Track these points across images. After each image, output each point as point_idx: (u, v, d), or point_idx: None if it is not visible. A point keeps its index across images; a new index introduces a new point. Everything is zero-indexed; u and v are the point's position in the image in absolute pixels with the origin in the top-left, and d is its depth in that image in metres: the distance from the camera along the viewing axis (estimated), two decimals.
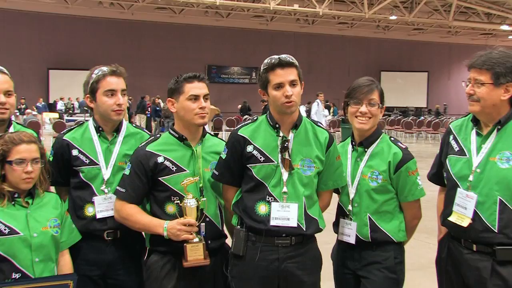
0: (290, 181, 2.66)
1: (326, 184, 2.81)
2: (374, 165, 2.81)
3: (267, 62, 2.66)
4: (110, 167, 2.88)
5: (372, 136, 2.86)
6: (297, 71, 2.67)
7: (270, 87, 2.64)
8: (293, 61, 2.67)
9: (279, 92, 2.61)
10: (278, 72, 2.62)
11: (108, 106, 2.85)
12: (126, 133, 2.99)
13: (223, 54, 37.53)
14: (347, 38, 40.52)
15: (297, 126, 2.73)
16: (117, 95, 2.85)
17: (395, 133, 23.54)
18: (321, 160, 2.74)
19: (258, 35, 37.82)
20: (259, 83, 2.73)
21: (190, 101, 2.72)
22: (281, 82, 2.61)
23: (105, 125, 2.93)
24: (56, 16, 32.64)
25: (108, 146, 2.92)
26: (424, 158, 13.86)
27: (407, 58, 42.60)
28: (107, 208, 2.84)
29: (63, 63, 32.69)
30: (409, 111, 36.59)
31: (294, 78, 2.64)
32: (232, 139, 2.75)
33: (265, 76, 2.65)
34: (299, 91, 2.68)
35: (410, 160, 2.80)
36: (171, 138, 2.81)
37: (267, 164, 2.66)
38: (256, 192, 2.67)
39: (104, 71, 2.87)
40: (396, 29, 38.86)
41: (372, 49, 41.62)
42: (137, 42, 34.82)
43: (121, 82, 2.89)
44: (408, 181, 2.78)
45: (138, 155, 2.76)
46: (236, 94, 35.87)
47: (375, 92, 2.82)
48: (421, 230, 3.12)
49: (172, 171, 2.72)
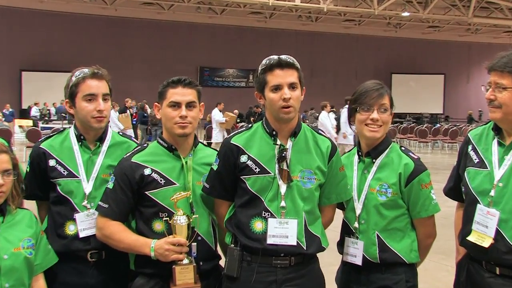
0: (289, 195, 2.66)
1: (328, 198, 2.81)
2: (383, 177, 2.81)
3: (266, 63, 2.67)
4: (92, 180, 2.87)
5: (381, 145, 2.87)
6: (298, 73, 2.69)
7: (267, 89, 2.66)
8: (294, 63, 2.68)
9: (277, 95, 2.62)
10: (277, 73, 2.63)
11: (88, 112, 2.84)
12: (111, 142, 2.98)
13: (217, 55, 37.61)
14: (354, 37, 40.67)
15: (296, 134, 2.74)
16: (97, 100, 2.84)
17: (407, 143, 23.59)
18: (323, 171, 2.74)
19: (255, 33, 37.95)
20: (256, 85, 2.74)
21: (171, 108, 2.74)
22: (279, 84, 2.62)
23: (87, 133, 2.93)
24: (30, 11, 32.67)
25: (90, 156, 2.91)
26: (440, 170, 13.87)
27: (421, 59, 42.73)
28: (90, 225, 2.82)
29: (38, 64, 32.70)
30: (424, 118, 36.68)
31: (294, 81, 2.65)
32: (224, 148, 2.76)
33: (262, 77, 2.67)
34: (299, 96, 2.68)
35: (423, 171, 2.80)
36: (159, 148, 2.82)
37: (263, 175, 2.66)
38: (251, 207, 2.67)
39: (84, 74, 2.86)
40: (409, 27, 39.04)
41: (382, 49, 41.75)
42: (121, 41, 34.89)
43: (102, 85, 2.88)
44: (421, 195, 2.78)
45: (123, 166, 2.76)
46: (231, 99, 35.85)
47: (386, 96, 2.83)
48: (436, 250, 3.13)
49: (160, 185, 2.72)
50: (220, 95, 36.51)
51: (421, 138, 23.33)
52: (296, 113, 2.69)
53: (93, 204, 2.84)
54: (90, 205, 2.84)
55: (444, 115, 41.05)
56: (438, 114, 40.94)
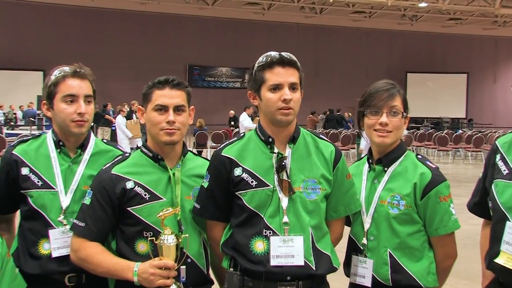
0: (292, 209, 2.66)
1: (336, 211, 2.82)
2: (395, 187, 2.82)
3: (264, 59, 2.69)
4: (71, 193, 2.86)
5: (394, 152, 2.88)
6: (299, 74, 2.71)
7: (265, 88, 2.67)
8: (296, 61, 2.71)
9: (276, 95, 2.64)
10: (278, 71, 2.65)
11: (67, 115, 2.85)
12: (94, 150, 2.98)
13: (208, 52, 37.69)
14: (364, 31, 40.81)
15: (295, 140, 2.75)
16: (78, 102, 2.85)
17: (425, 151, 23.62)
18: (328, 180, 2.75)
19: (252, 27, 38.06)
20: (250, 83, 2.74)
21: (156, 112, 2.74)
22: (280, 83, 2.64)
23: (67, 140, 2.92)
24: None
25: (70, 165, 2.91)
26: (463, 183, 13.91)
27: (440, 56, 42.89)
28: (65, 244, 2.80)
29: (1, 62, 32.60)
30: (444, 123, 36.81)
31: (295, 81, 2.67)
32: (214, 162, 2.76)
33: (260, 74, 2.68)
34: (299, 99, 2.70)
35: (441, 182, 2.81)
36: (144, 158, 2.82)
37: (261, 189, 2.67)
38: (250, 226, 2.67)
39: (65, 72, 2.87)
40: (427, 19, 39.17)
41: (396, 45, 41.90)
42: (99, 36, 34.95)
43: (84, 85, 2.89)
44: (439, 209, 2.79)
45: (102, 179, 2.75)
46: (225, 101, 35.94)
47: (397, 98, 2.85)
48: (459, 274, 3.14)
49: (145, 200, 2.72)
50: (211, 97, 36.67)
51: (440, 146, 23.34)
52: (294, 117, 2.71)
53: (72, 219, 2.81)
54: (68, 221, 2.82)
55: (467, 120, 41.15)
56: (460, 119, 41.06)
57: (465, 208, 2.94)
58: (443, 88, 42.06)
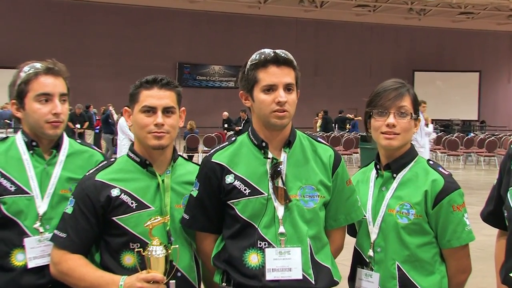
0: (288, 218, 2.65)
1: (336, 220, 2.82)
2: (404, 195, 2.82)
3: (257, 57, 2.68)
4: (48, 197, 2.85)
5: (404, 157, 2.89)
6: (295, 73, 2.71)
7: (258, 88, 2.66)
8: (292, 60, 2.70)
9: (269, 97, 2.63)
10: (272, 70, 2.64)
11: (41, 116, 2.83)
12: (69, 150, 2.98)
13: (200, 49, 37.73)
14: (368, 27, 40.90)
15: (290, 144, 2.75)
16: (53, 101, 2.84)
17: (434, 156, 23.62)
18: (327, 186, 2.75)
19: (247, 22, 38.10)
20: (242, 82, 2.74)
21: (144, 114, 2.73)
22: (274, 84, 2.63)
23: (40, 141, 2.91)
24: None
25: (45, 168, 2.89)
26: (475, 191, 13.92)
27: (450, 53, 42.99)
28: (43, 253, 2.79)
29: None
30: (454, 125, 36.84)
31: (290, 82, 2.66)
32: (204, 169, 2.76)
33: (252, 73, 2.67)
34: (295, 100, 2.70)
35: (454, 190, 2.81)
36: (130, 163, 2.82)
37: (255, 197, 2.66)
38: (243, 237, 2.67)
39: (36, 69, 2.85)
40: (436, 13, 39.27)
41: (403, 42, 41.99)
42: (80, 31, 34.92)
43: (59, 83, 2.88)
44: (452, 219, 2.78)
45: (85, 186, 2.74)
46: (217, 102, 36.00)
47: (406, 97, 2.84)
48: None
49: (131, 208, 2.71)
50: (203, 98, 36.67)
51: (450, 151, 23.36)
52: (290, 120, 2.70)
53: (49, 226, 2.81)
54: (45, 228, 2.81)
55: (479, 122, 41.22)
56: (472, 121, 41.15)
57: (478, 218, 2.94)
58: (454, 87, 42.18)
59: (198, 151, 20.62)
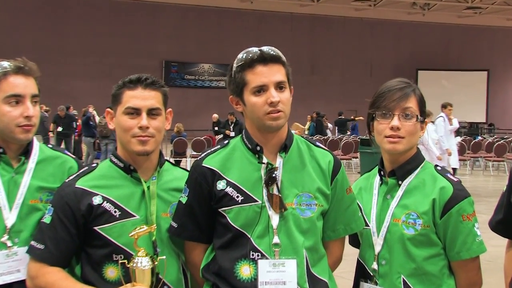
0: (283, 228, 2.65)
1: (334, 230, 2.82)
2: (411, 204, 2.81)
3: (243, 57, 2.67)
4: (16, 208, 2.83)
5: (410, 163, 2.88)
6: (285, 70, 2.70)
7: (248, 91, 2.65)
8: (280, 56, 2.69)
9: (261, 98, 2.62)
10: (259, 70, 2.63)
11: (11, 119, 2.81)
12: (40, 157, 2.97)
13: (188, 46, 37.74)
14: (368, 22, 41.00)
15: (287, 148, 2.75)
16: (24, 103, 2.83)
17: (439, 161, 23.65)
18: (325, 194, 2.75)
19: (239, 18, 38.14)
20: (231, 87, 2.73)
21: (127, 116, 2.73)
22: (264, 84, 2.62)
23: (7, 147, 2.89)
24: None
25: (13, 176, 2.87)
26: (483, 198, 13.95)
27: (456, 50, 43.13)
28: (11, 269, 2.78)
29: None
30: (460, 128, 36.86)
31: (281, 79, 2.65)
32: (194, 174, 2.75)
33: (240, 76, 2.67)
34: (289, 98, 2.69)
35: (464, 198, 2.80)
36: (113, 169, 2.81)
37: (248, 205, 2.65)
38: (235, 248, 2.66)
39: (4, 68, 2.83)
40: (441, 8, 39.40)
41: (405, 38, 42.11)
42: (58, 26, 34.85)
43: (31, 84, 2.87)
44: (462, 229, 2.78)
45: (64, 194, 2.73)
46: (207, 103, 35.99)
47: (412, 98, 2.84)
48: None
49: (115, 217, 2.70)
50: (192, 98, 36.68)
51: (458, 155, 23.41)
52: (286, 120, 2.69)
53: (18, 240, 2.80)
54: (13, 242, 2.79)
55: (487, 125, 41.34)
56: (480, 123, 41.27)
57: (486, 227, 2.94)
58: (460, 88, 42.29)
59: (186, 156, 20.65)
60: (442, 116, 16.24)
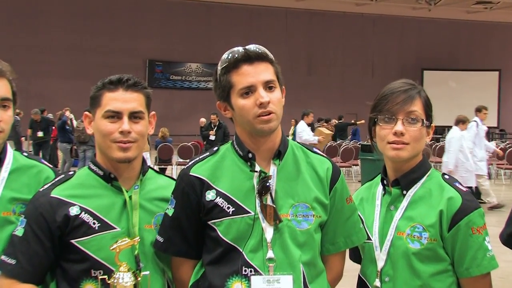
0: (278, 241, 2.66)
1: (334, 243, 2.83)
2: (416, 216, 2.82)
3: (227, 58, 2.68)
4: None
5: (415, 171, 2.89)
6: (274, 68, 2.71)
7: (235, 94, 2.67)
8: (267, 53, 2.70)
9: (249, 100, 2.63)
10: (245, 70, 2.65)
11: None
12: (13, 166, 2.97)
13: (174, 43, 37.73)
14: (370, 18, 41.08)
15: (281, 154, 2.76)
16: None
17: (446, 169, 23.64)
18: (324, 204, 2.76)
19: (229, 13, 38.14)
20: (217, 91, 2.75)
21: (107, 120, 2.73)
22: (251, 85, 2.63)
23: None
24: None
25: None
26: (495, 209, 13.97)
27: (465, 49, 43.24)
28: None
29: None
30: None
31: (270, 78, 2.66)
32: (181, 184, 2.76)
33: (225, 79, 2.68)
34: (280, 98, 2.70)
35: (474, 210, 2.80)
36: (92, 177, 2.82)
37: (240, 217, 2.66)
38: (226, 263, 2.67)
39: None
40: (449, 3, 39.49)
41: (410, 36, 42.20)
42: (33, 22, 34.80)
43: (2, 86, 2.87)
44: (471, 243, 2.78)
45: (38, 204, 2.73)
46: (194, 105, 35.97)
47: (417, 101, 2.85)
48: None
49: (93, 230, 2.70)
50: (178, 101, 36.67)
51: None
52: (279, 122, 2.70)
53: None
54: None
55: (498, 129, 41.43)
56: (491, 128, 41.29)
57: (497, 241, 2.96)
58: (469, 89, 42.36)
59: (172, 163, 20.61)
60: (476, 120, 15.54)
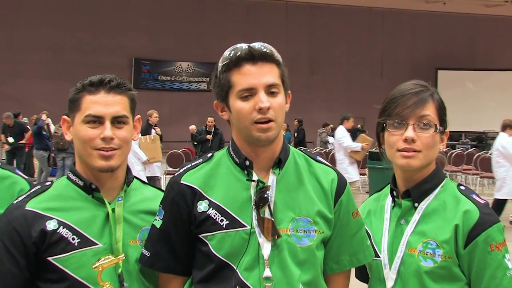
0: (276, 258, 2.66)
1: (338, 262, 2.83)
2: (429, 231, 2.82)
3: (229, 55, 2.68)
4: None
5: (427, 181, 2.89)
6: (280, 70, 2.71)
7: (233, 95, 2.67)
8: (273, 53, 2.70)
9: (248, 104, 2.63)
10: (247, 70, 2.64)
11: None
12: None
13: (163, 41, 37.76)
14: (378, 13, 41.14)
15: (281, 163, 2.76)
16: None
17: (463, 178, 23.67)
18: (327, 219, 2.76)
19: (224, 7, 38.19)
20: (215, 89, 2.75)
21: (87, 125, 2.73)
22: (252, 87, 2.63)
23: None
24: None
25: None
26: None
27: (483, 46, 43.31)
28: None
29: None
30: (488, 139, 36.94)
31: (273, 82, 2.66)
32: (171, 193, 2.77)
33: (225, 77, 2.68)
34: (282, 105, 2.69)
35: (493, 224, 2.79)
36: (71, 188, 2.82)
37: (234, 230, 2.66)
38: (218, 282, 2.67)
39: None
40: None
41: (422, 32, 42.25)
42: (8, 19, 34.83)
43: None
44: (490, 261, 2.77)
45: (12, 218, 2.72)
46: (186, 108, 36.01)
47: (429, 104, 2.85)
48: None
49: (73, 246, 2.70)
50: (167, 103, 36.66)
51: (484, 172, 23.21)
52: (278, 131, 2.70)
53: None
54: None
55: None
56: None
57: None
58: (487, 91, 42.42)
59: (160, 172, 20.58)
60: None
